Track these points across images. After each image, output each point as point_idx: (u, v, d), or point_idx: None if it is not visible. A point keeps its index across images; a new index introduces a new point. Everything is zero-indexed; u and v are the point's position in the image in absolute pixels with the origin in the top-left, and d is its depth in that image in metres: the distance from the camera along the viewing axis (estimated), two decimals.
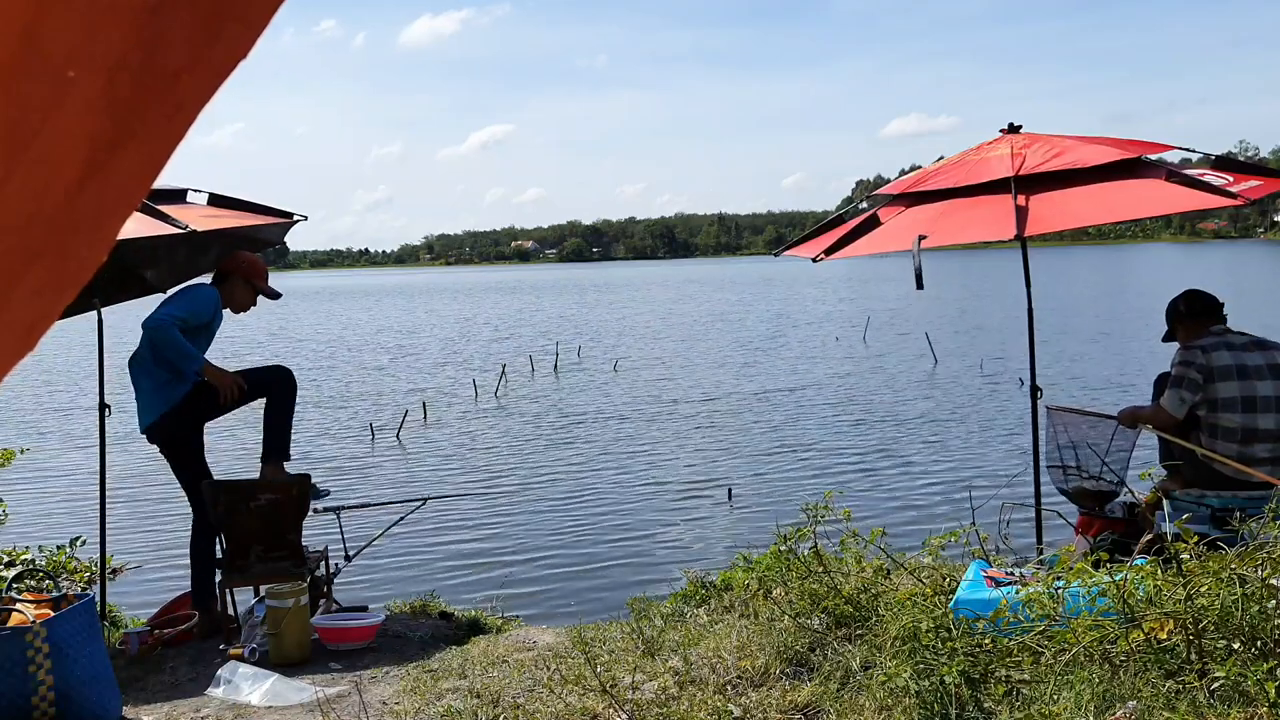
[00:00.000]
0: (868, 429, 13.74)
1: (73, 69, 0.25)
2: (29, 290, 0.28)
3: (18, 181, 0.26)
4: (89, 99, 0.26)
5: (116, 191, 0.27)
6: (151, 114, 0.27)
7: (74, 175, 0.26)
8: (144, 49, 0.26)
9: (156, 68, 0.26)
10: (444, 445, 13.92)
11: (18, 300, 0.28)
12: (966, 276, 59.83)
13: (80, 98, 0.25)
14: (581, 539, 8.98)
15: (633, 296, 58.49)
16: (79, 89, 0.25)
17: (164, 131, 0.27)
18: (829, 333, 28.57)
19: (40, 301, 0.28)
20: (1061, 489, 5.66)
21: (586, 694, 3.77)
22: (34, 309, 0.28)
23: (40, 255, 0.27)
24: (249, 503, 5.24)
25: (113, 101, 0.26)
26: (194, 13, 0.26)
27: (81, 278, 0.29)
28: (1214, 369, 4.80)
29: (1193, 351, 4.87)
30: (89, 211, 0.27)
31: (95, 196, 0.27)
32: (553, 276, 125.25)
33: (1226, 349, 4.84)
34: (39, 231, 0.27)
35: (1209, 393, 4.81)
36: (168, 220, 4.78)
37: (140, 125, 0.27)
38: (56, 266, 0.28)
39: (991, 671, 3.32)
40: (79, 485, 11.28)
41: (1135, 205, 4.68)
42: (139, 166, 0.28)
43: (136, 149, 0.27)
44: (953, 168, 5.13)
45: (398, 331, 38.02)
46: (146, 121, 0.27)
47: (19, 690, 3.84)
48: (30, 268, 0.27)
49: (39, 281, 0.28)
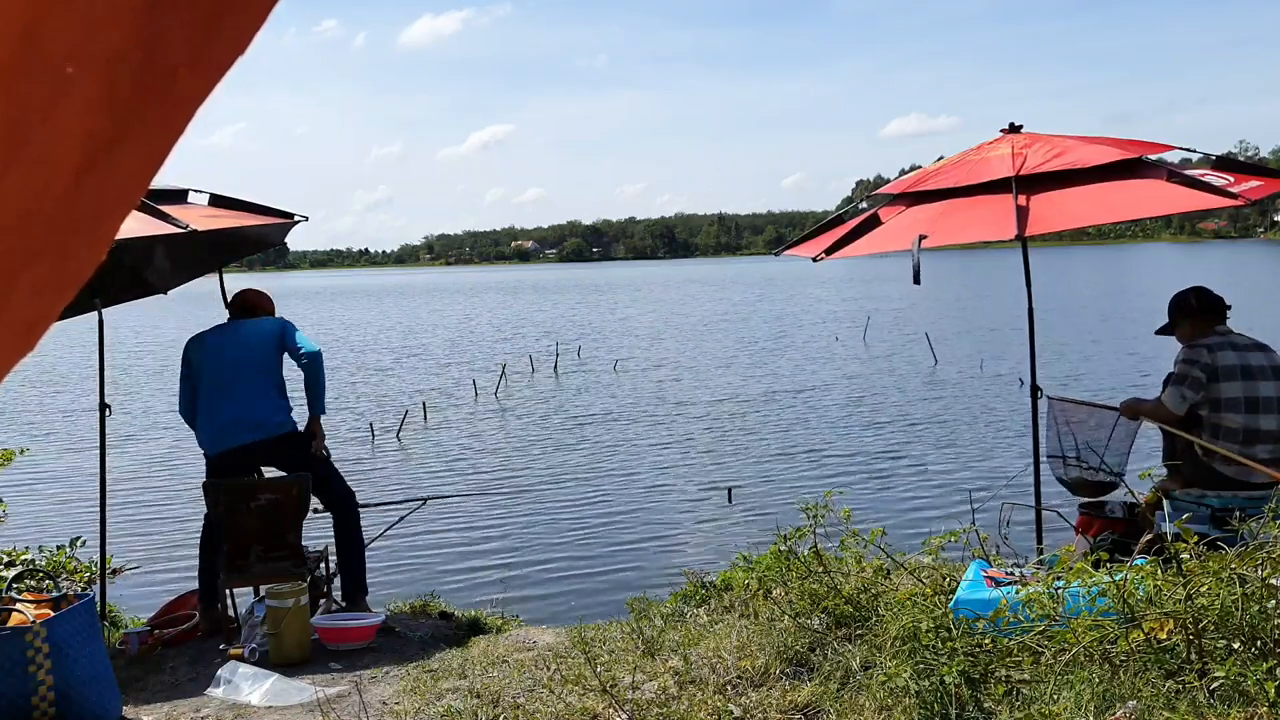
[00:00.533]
0: (868, 429, 13.74)
1: (72, 66, 0.25)
2: (28, 289, 0.28)
3: (15, 179, 0.26)
4: (88, 96, 0.26)
5: (116, 189, 0.27)
6: (151, 111, 0.27)
7: (73, 173, 0.26)
8: (143, 45, 0.26)
9: (156, 64, 0.26)
10: (444, 445, 13.92)
11: (16, 299, 0.28)
12: (966, 276, 59.82)
13: (79, 95, 0.25)
14: (581, 539, 8.98)
15: (633, 297, 58.47)
16: (78, 86, 0.25)
17: (163, 128, 0.27)
18: (829, 333, 28.57)
19: (39, 300, 0.28)
20: (1060, 478, 5.65)
21: (586, 694, 3.77)
22: (33, 308, 0.28)
23: (39, 254, 0.27)
24: (249, 503, 5.24)
25: (112, 98, 0.26)
26: (193, 8, 0.26)
27: (81, 276, 0.29)
28: (1219, 368, 4.79)
29: (1198, 350, 4.86)
30: (88, 209, 0.27)
31: (94, 194, 0.27)
32: (552, 276, 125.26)
33: (1231, 349, 4.83)
34: (37, 230, 0.27)
35: (1212, 392, 4.80)
36: (168, 220, 4.78)
37: (139, 122, 0.27)
38: (56, 265, 0.28)
39: (991, 671, 3.32)
40: (79, 485, 11.28)
41: (1135, 205, 4.68)
42: (138, 164, 0.28)
43: (135, 146, 0.27)
44: (953, 168, 5.13)
45: (398, 332, 38.03)
46: (146, 118, 0.27)
47: (19, 690, 3.84)
48: (29, 266, 0.27)
49: (38, 280, 0.28)
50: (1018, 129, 5.16)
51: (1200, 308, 5.06)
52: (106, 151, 0.27)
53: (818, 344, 25.82)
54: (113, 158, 0.27)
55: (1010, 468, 10.01)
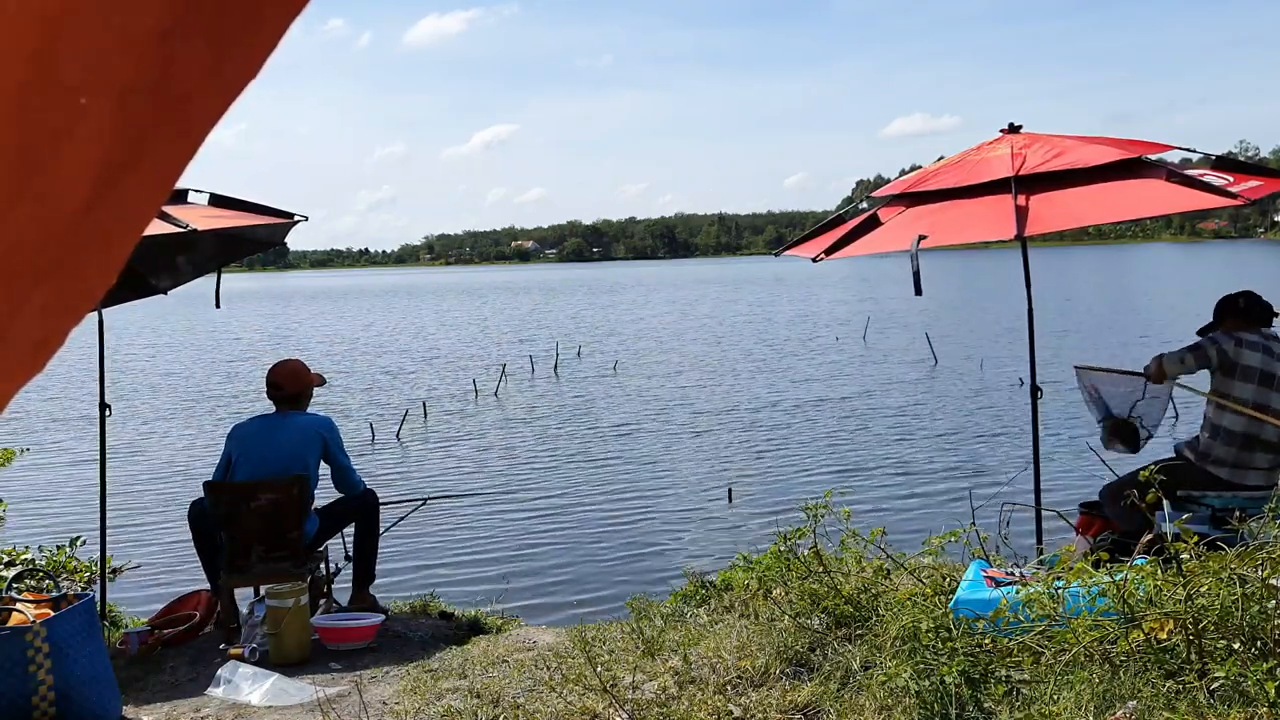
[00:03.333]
0: (868, 429, 13.74)
1: (84, 93, 0.25)
2: (36, 309, 0.28)
3: (28, 204, 0.26)
4: (100, 123, 0.26)
5: (126, 213, 0.28)
6: (161, 137, 0.27)
7: (84, 198, 0.27)
8: (155, 74, 0.26)
9: (167, 91, 0.26)
10: (444, 445, 13.92)
11: (25, 319, 0.28)
12: (966, 276, 59.83)
13: (91, 122, 0.26)
14: (582, 539, 8.98)
15: (632, 300, 58.45)
16: (90, 114, 0.26)
17: (173, 153, 0.28)
18: (829, 333, 28.57)
19: (48, 321, 0.28)
20: (1102, 438, 5.60)
21: (587, 694, 3.78)
22: (41, 329, 0.28)
23: (49, 275, 0.28)
24: (249, 503, 5.24)
25: (123, 125, 0.26)
26: (205, 37, 0.26)
27: (91, 299, 0.29)
28: (1238, 365, 4.77)
29: (1229, 339, 4.83)
30: (98, 233, 0.27)
31: (105, 218, 0.27)
32: (551, 277, 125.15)
33: (1263, 352, 4.80)
34: (48, 252, 0.27)
35: (1221, 386, 4.78)
36: (169, 220, 4.78)
37: (150, 148, 0.27)
38: (65, 287, 0.28)
39: (991, 671, 3.32)
40: (79, 485, 11.29)
41: (1135, 205, 4.68)
42: (148, 188, 0.28)
43: (146, 171, 0.27)
44: (953, 168, 5.13)
45: (398, 332, 38.03)
46: (156, 144, 0.27)
47: (19, 690, 3.84)
48: (38, 287, 0.28)
49: (47, 301, 0.28)
50: (1017, 129, 5.16)
51: (1246, 309, 5.04)
52: (118, 177, 0.27)
53: (818, 343, 25.82)
54: (124, 183, 0.27)
55: (1010, 468, 10.02)
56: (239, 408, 17.09)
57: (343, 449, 5.56)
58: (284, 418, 5.56)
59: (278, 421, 5.56)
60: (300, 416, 5.55)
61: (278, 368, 5.74)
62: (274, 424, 5.55)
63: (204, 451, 13.39)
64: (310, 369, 5.85)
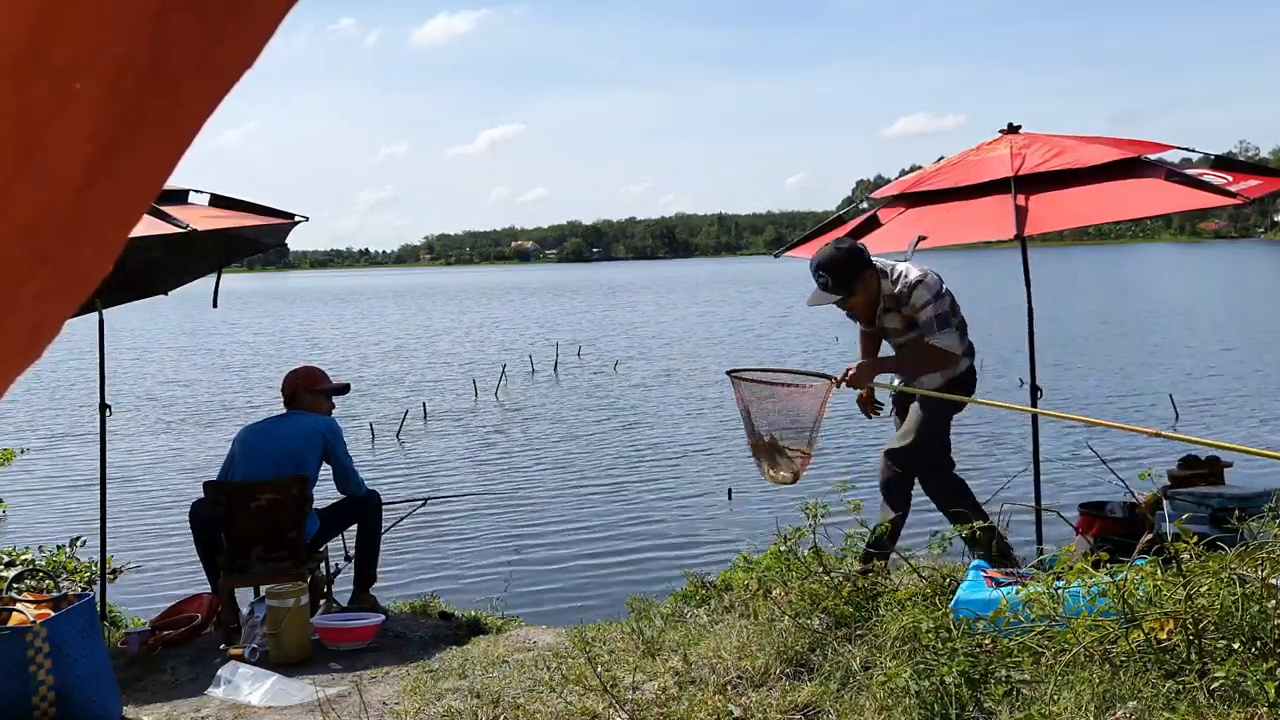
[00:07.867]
0: (868, 428, 13.72)
1: (78, 74, 0.25)
2: (33, 294, 0.28)
3: (22, 185, 0.26)
4: (94, 104, 0.26)
5: (122, 198, 0.28)
6: (157, 120, 0.27)
7: (79, 180, 0.27)
8: (149, 54, 0.26)
9: (161, 73, 0.26)
10: (444, 445, 13.92)
11: (22, 304, 0.28)
12: (966, 276, 59.79)
13: (85, 103, 0.26)
14: (582, 539, 8.98)
15: (632, 301, 58.43)
16: (84, 93, 0.25)
17: (170, 138, 0.28)
18: (829, 333, 28.55)
19: (45, 306, 0.28)
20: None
21: (587, 694, 3.77)
22: (38, 314, 0.28)
23: (45, 260, 0.27)
24: (249, 503, 5.24)
25: (118, 106, 0.26)
26: (198, 18, 0.26)
27: (88, 284, 0.29)
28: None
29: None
30: (94, 217, 0.27)
31: (101, 202, 0.27)
32: (549, 278, 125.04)
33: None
34: (44, 236, 0.27)
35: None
36: (169, 220, 4.78)
37: (146, 130, 0.27)
38: (62, 271, 0.28)
39: (991, 672, 3.32)
40: (79, 485, 11.29)
41: (1135, 205, 4.69)
42: (145, 173, 0.28)
43: (142, 155, 0.27)
44: (952, 168, 5.13)
45: (397, 332, 38.02)
46: (152, 127, 0.27)
47: (19, 690, 3.84)
48: (35, 272, 0.27)
49: (44, 286, 0.28)
50: (1016, 129, 5.16)
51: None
52: (113, 159, 0.27)
53: (818, 343, 25.81)
54: (119, 166, 0.27)
55: (1010, 468, 10.01)
56: (239, 408, 17.09)
57: (345, 450, 5.57)
58: (286, 418, 5.60)
59: (280, 422, 5.60)
60: (303, 417, 5.55)
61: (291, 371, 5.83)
62: (276, 424, 5.59)
63: (204, 451, 13.40)
64: (322, 374, 5.86)
